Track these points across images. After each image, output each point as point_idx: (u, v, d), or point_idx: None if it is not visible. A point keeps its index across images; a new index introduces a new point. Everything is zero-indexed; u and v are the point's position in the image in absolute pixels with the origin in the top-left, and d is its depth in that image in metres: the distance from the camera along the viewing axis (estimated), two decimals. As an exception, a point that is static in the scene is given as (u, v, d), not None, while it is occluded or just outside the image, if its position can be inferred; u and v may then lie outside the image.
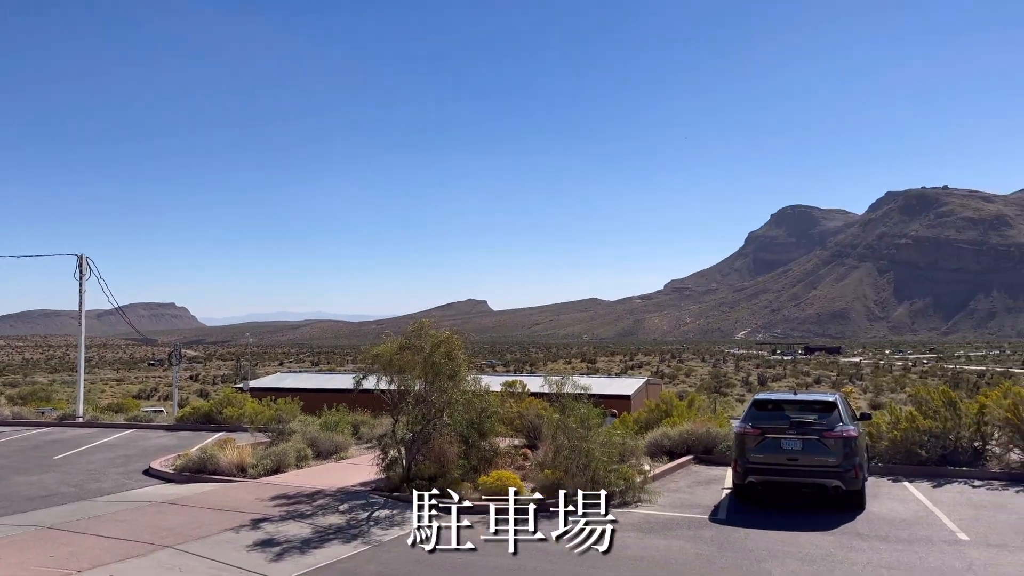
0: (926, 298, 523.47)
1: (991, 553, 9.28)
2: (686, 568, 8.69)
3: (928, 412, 15.87)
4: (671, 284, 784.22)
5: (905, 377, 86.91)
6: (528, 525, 10.96)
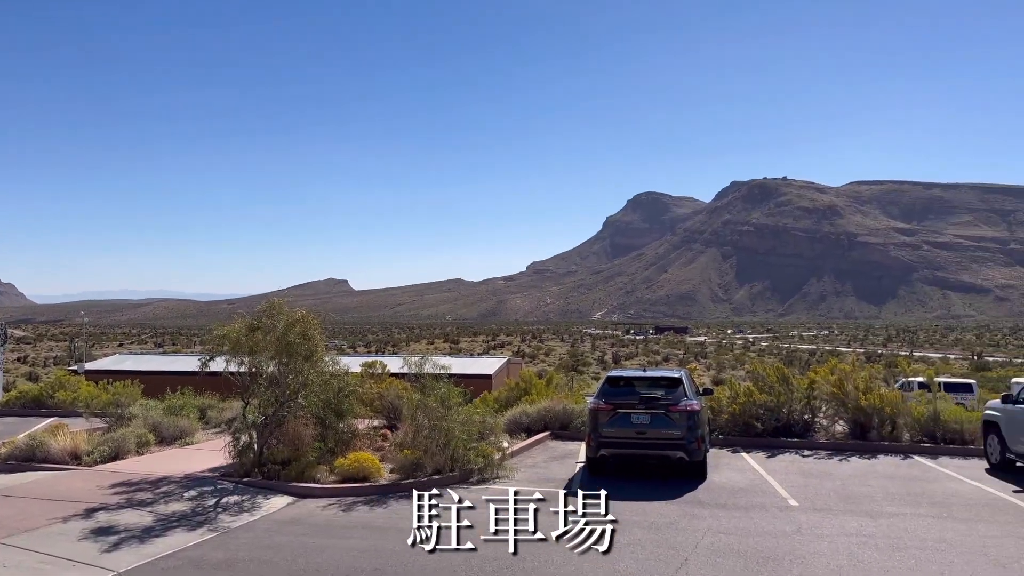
0: (765, 281, 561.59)
1: (817, 517, 10.09)
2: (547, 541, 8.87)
3: (764, 387, 17.05)
4: (533, 266, 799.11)
5: (745, 355, 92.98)
6: (386, 505, 10.89)
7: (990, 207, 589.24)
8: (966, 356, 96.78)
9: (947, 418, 15.98)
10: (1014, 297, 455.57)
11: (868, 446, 15.79)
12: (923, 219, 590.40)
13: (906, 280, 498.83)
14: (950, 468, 13.89)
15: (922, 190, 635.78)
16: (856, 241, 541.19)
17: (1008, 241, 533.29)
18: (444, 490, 11.75)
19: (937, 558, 8.16)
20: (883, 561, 8.04)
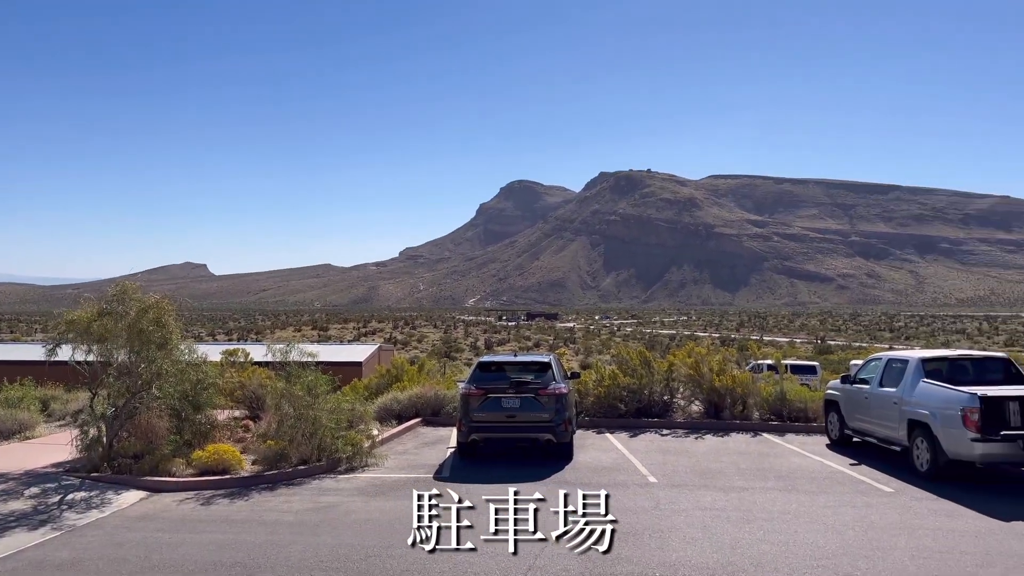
0: (630, 269, 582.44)
1: (674, 493, 10.58)
2: (410, 526, 8.82)
3: (628, 371, 17.69)
4: (406, 252, 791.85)
5: (611, 340, 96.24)
6: (248, 498, 10.50)
7: (834, 202, 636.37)
8: (811, 340, 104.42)
9: (792, 398, 17.16)
10: (854, 286, 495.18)
11: (722, 424, 16.73)
12: (774, 212, 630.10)
13: (758, 269, 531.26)
14: (795, 444, 14.93)
15: (773, 184, 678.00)
16: (713, 232, 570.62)
17: (849, 234, 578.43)
18: (309, 480, 11.51)
19: (783, 528, 8.75)
20: (734, 532, 8.54)
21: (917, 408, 11.79)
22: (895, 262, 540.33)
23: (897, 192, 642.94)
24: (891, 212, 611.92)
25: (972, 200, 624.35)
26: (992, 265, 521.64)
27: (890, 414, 12.64)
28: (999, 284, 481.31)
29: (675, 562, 7.48)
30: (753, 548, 7.95)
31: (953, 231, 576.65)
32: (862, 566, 7.35)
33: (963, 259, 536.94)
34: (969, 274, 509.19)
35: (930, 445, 11.38)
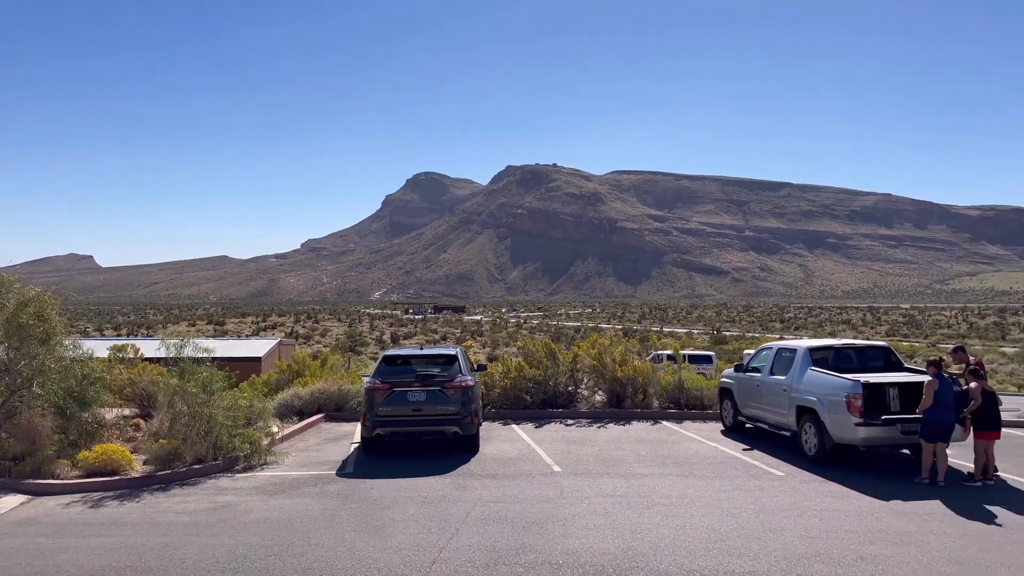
0: (537, 263, 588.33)
1: (578, 481, 10.76)
2: (311, 524, 8.66)
3: (534, 362, 17.88)
4: (308, 243, 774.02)
5: (518, 332, 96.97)
6: (139, 499, 10.03)
7: (729, 198, 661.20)
8: (707, 331, 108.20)
9: (690, 386, 17.75)
10: (747, 278, 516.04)
11: (623, 413, 17.14)
12: (673, 207, 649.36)
13: (658, 262, 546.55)
14: (692, 431, 15.45)
15: (672, 181, 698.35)
16: (616, 226, 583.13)
17: (743, 229, 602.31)
18: (205, 480, 11.10)
19: (680, 512, 9.04)
20: (634, 518, 8.76)
21: (805, 395, 12.38)
22: (786, 256, 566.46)
23: (788, 189, 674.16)
24: (782, 208, 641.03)
25: (857, 197, 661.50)
26: (875, 259, 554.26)
27: (780, 401, 13.23)
28: (881, 277, 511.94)
29: (577, 549, 7.61)
30: (652, 532, 8.18)
31: (839, 227, 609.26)
32: (754, 547, 7.68)
33: (848, 253, 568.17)
34: (854, 267, 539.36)
35: (817, 430, 11.99)
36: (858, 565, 7.11)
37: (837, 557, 7.34)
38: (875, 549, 7.61)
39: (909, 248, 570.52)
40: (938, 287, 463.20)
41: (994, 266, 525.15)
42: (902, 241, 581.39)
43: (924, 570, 6.99)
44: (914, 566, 7.08)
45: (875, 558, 7.31)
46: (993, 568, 7.05)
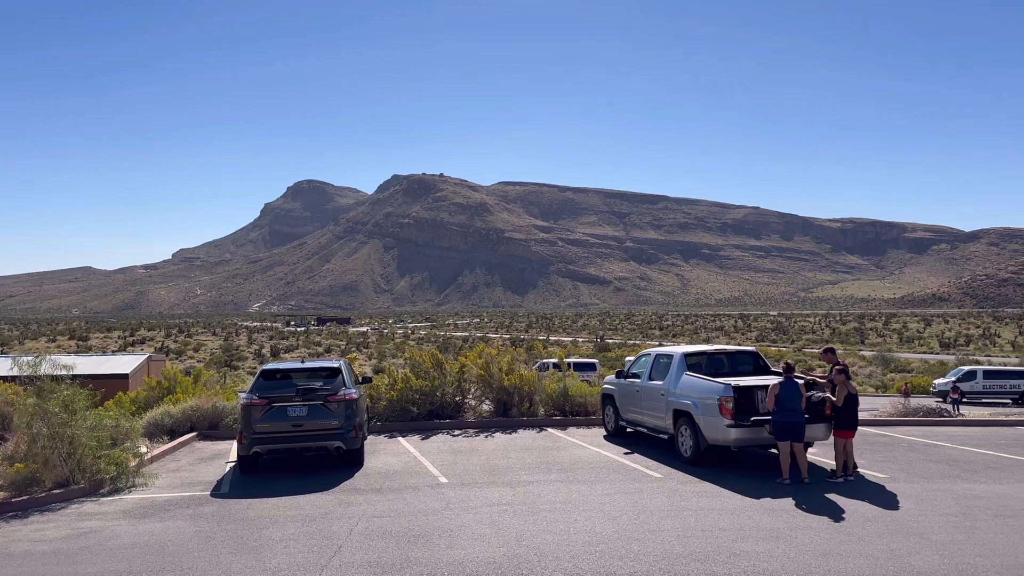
0: (424, 273, 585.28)
1: (464, 492, 10.73)
2: (183, 548, 8.23)
3: (420, 373, 17.73)
4: (181, 253, 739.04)
5: (405, 343, 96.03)
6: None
7: (611, 210, 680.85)
8: (591, 339, 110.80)
9: (574, 393, 18.08)
10: (628, 288, 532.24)
11: (510, 422, 17.26)
12: (558, 218, 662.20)
13: (544, 272, 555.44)
14: (576, 437, 15.73)
15: (557, 192, 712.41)
16: (504, 237, 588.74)
17: (624, 240, 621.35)
18: (67, 505, 10.36)
19: (564, 517, 9.17)
20: (520, 526, 8.81)
21: (681, 398, 12.86)
22: (664, 266, 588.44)
23: (665, 202, 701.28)
24: (660, 220, 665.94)
25: (728, 210, 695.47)
26: (745, 269, 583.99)
27: (658, 405, 13.68)
28: (751, 286, 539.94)
29: (463, 560, 7.58)
30: (537, 539, 8.25)
31: (713, 238, 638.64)
32: (634, 548, 7.88)
33: (721, 263, 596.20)
34: (726, 277, 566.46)
35: (693, 432, 12.46)
36: (732, 562, 7.42)
37: (712, 555, 7.64)
38: (747, 545, 7.96)
39: (776, 258, 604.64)
40: (803, 295, 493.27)
41: (853, 275, 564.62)
42: (770, 252, 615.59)
43: (792, 564, 7.37)
44: (783, 560, 7.46)
45: (747, 554, 7.66)
46: (853, 558, 7.52)
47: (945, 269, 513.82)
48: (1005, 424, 18.29)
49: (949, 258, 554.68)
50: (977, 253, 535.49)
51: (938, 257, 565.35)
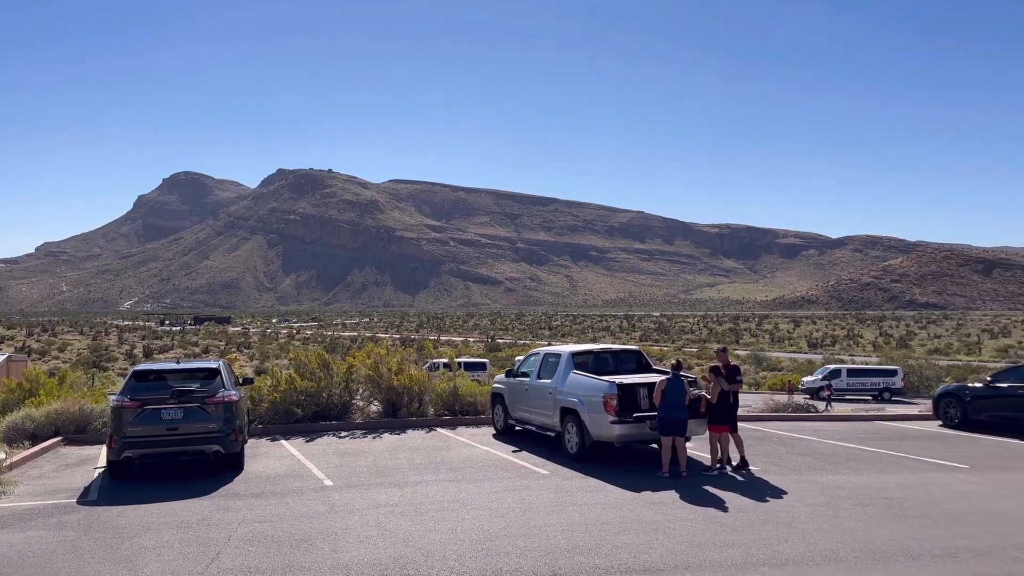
0: (311, 271, 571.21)
1: (350, 494, 10.55)
2: (46, 559, 7.70)
3: (305, 374, 17.29)
4: (45, 247, 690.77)
5: (289, 344, 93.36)
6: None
7: (503, 211, 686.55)
8: (483, 338, 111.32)
9: (464, 393, 18.11)
10: (520, 288, 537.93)
11: (399, 423, 17.09)
12: (450, 218, 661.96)
13: (436, 272, 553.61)
14: (465, 436, 15.75)
15: (449, 192, 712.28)
16: (394, 235, 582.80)
17: (516, 241, 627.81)
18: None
19: (452, 517, 9.17)
20: (407, 526, 8.75)
21: (568, 396, 13.11)
22: (554, 267, 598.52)
23: (556, 205, 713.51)
24: (550, 222, 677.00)
25: (615, 214, 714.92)
26: (631, 271, 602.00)
27: (546, 403, 13.90)
28: (636, 287, 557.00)
29: (348, 562, 7.45)
30: (424, 539, 8.22)
31: (601, 241, 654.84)
32: (521, 544, 7.98)
33: (608, 265, 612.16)
34: (613, 278, 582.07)
35: (579, 429, 12.74)
36: (614, 554, 7.64)
37: (595, 548, 7.83)
38: (628, 538, 8.21)
39: (659, 261, 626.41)
40: (683, 296, 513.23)
41: (729, 278, 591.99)
42: (653, 255, 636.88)
43: (670, 554, 7.65)
44: (661, 551, 7.74)
45: (629, 546, 7.90)
46: (727, 547, 7.89)
47: (813, 273, 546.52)
48: (864, 419, 19.66)
49: (817, 263, 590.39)
50: (843, 259, 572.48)
51: (807, 262, 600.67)
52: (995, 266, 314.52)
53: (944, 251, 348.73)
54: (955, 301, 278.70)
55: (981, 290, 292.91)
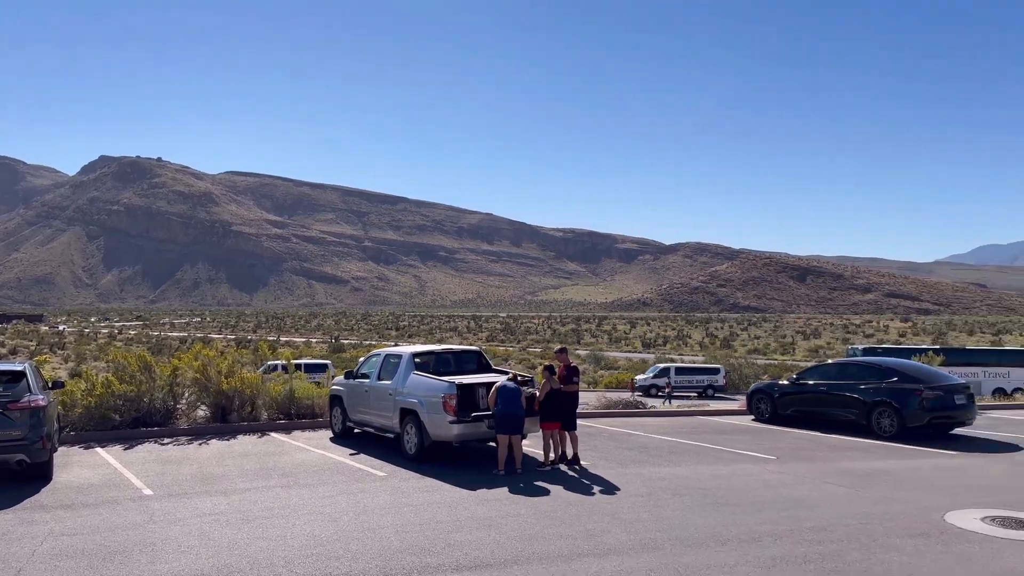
0: (136, 266, 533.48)
1: (172, 503, 9.99)
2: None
3: (125, 377, 16.17)
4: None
5: (110, 344, 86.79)
6: None
7: (350, 208, 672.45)
8: (326, 339, 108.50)
9: (301, 395, 17.60)
10: (366, 288, 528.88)
11: (229, 428, 16.35)
12: (293, 214, 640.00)
13: (277, 270, 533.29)
14: (301, 440, 15.33)
15: (292, 187, 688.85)
16: (231, 230, 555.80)
17: (363, 239, 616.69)
18: None
19: (282, 523, 8.91)
20: (233, 534, 8.41)
21: (408, 397, 13.10)
22: (402, 267, 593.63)
23: (404, 204, 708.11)
24: (399, 222, 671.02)
25: (464, 215, 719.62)
26: (479, 272, 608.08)
27: (386, 404, 13.82)
28: (484, 288, 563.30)
29: (166, 574, 7.07)
30: (251, 547, 7.94)
31: (449, 241, 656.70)
32: (353, 548, 7.89)
33: (456, 266, 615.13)
34: (461, 279, 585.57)
35: (418, 430, 12.76)
36: (446, 552, 7.73)
37: (428, 547, 7.89)
38: (461, 536, 8.34)
39: (507, 263, 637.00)
40: (529, 298, 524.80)
41: (572, 280, 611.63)
42: (501, 256, 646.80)
43: (501, 549, 7.84)
44: (493, 547, 7.91)
45: (461, 544, 8.02)
46: (555, 540, 8.19)
47: (648, 277, 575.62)
48: (687, 415, 21.00)
49: (652, 267, 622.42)
50: (675, 264, 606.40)
51: (643, 266, 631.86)
52: (808, 273, 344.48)
53: (764, 259, 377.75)
54: (773, 305, 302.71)
55: (796, 295, 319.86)
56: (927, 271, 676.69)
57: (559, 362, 12.88)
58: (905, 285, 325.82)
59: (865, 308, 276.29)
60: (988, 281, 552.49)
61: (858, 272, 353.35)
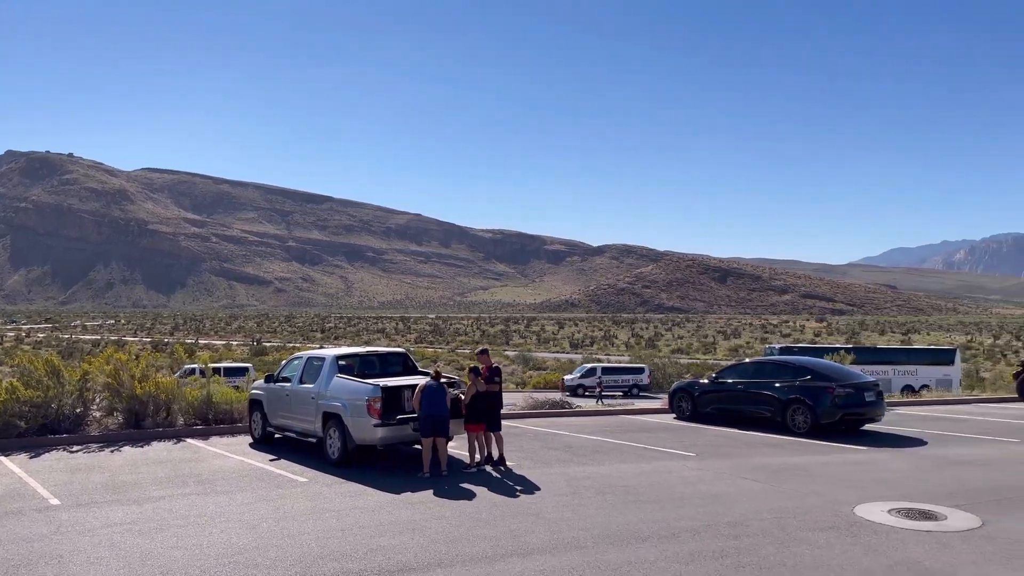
0: (45, 266, 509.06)
1: (81, 513, 9.58)
2: None
3: (32, 382, 15.44)
4: None
5: (17, 348, 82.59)
6: None
7: (273, 207, 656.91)
8: (248, 342, 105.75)
9: (219, 400, 17.11)
10: (290, 289, 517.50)
11: (143, 434, 15.76)
12: (213, 212, 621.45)
13: (195, 270, 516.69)
14: (219, 447, 14.90)
15: (212, 184, 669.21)
16: (147, 229, 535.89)
17: (287, 239, 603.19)
18: None
19: (198, 532, 8.64)
20: (146, 544, 8.12)
21: (331, 401, 12.88)
22: (328, 267, 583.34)
23: (330, 203, 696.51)
24: (325, 221, 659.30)
25: (392, 216, 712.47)
26: (407, 273, 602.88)
27: (308, 408, 13.55)
28: (413, 289, 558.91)
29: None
30: (164, 556, 7.68)
31: (377, 242, 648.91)
32: (272, 555, 7.72)
33: (385, 267, 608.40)
34: (389, 280, 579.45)
35: (341, 434, 12.56)
36: (368, 557, 7.64)
37: (350, 553, 7.79)
38: (384, 540, 8.25)
39: (436, 264, 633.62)
40: (458, 299, 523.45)
41: (501, 281, 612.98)
42: (430, 257, 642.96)
43: (424, 552, 7.80)
44: (416, 551, 7.86)
45: (384, 548, 7.94)
46: (479, 541, 8.19)
47: (576, 278, 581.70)
48: (611, 414, 21.31)
49: (580, 269, 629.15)
50: (602, 265, 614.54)
51: (571, 268, 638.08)
52: (729, 275, 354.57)
53: (687, 260, 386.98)
54: (696, 305, 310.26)
55: (717, 296, 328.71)
56: (841, 273, 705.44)
57: (481, 363, 12.90)
58: (820, 286, 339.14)
59: (782, 308, 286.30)
60: (898, 283, 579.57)
61: (776, 274, 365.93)
